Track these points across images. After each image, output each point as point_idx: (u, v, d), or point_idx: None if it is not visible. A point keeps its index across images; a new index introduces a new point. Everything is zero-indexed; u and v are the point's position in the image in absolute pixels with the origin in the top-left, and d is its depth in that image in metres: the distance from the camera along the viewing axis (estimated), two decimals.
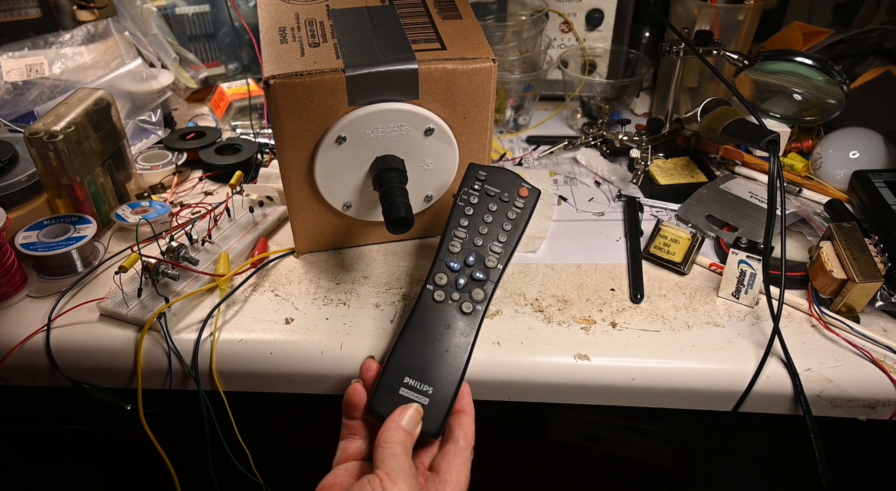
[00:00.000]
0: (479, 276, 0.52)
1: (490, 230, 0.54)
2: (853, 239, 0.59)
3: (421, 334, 0.50)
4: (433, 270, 0.52)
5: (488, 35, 0.65)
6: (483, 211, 0.55)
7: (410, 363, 0.48)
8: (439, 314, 0.50)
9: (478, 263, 0.53)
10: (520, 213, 0.55)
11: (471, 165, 0.57)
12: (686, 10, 0.89)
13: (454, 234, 0.54)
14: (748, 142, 0.66)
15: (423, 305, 0.51)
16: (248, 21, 0.97)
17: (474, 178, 0.56)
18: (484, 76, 0.59)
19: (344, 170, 0.61)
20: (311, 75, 0.56)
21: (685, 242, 0.66)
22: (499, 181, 0.56)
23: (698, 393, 0.56)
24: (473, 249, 0.53)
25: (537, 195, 0.57)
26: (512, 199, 0.56)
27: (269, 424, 0.84)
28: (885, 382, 0.54)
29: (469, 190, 0.56)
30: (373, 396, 0.47)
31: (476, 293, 0.52)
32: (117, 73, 0.88)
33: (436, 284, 0.52)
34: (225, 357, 0.57)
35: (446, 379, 0.48)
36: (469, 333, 0.50)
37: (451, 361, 0.49)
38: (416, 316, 0.50)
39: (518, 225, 0.55)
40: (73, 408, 0.74)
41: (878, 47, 0.91)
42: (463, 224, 0.54)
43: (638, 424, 0.86)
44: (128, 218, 0.70)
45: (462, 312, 0.51)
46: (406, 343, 0.49)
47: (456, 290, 0.51)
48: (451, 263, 0.52)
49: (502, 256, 0.53)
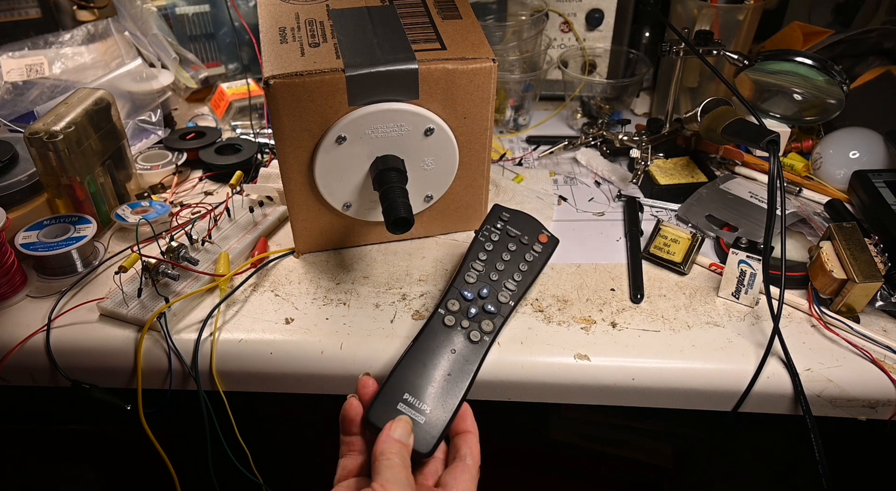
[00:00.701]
0: (491, 308, 0.54)
1: (506, 268, 0.56)
2: (853, 239, 0.59)
3: (427, 354, 0.50)
4: (446, 296, 0.54)
5: (488, 35, 0.65)
6: (502, 249, 0.57)
7: (412, 380, 0.49)
8: (447, 338, 0.51)
9: (491, 297, 0.54)
10: (536, 258, 0.57)
11: (495, 206, 0.59)
12: (686, 10, 0.89)
13: (471, 265, 0.56)
14: (748, 142, 0.66)
15: (433, 327, 0.52)
16: (248, 21, 0.97)
17: (497, 218, 0.59)
18: (484, 76, 0.59)
19: (344, 170, 0.61)
20: (311, 75, 0.56)
21: (685, 242, 0.66)
22: (520, 224, 0.59)
23: (698, 393, 0.56)
24: (488, 282, 0.55)
25: (555, 244, 0.59)
26: (531, 243, 0.58)
27: (269, 424, 0.84)
28: (885, 382, 0.54)
29: (491, 228, 0.58)
30: (370, 408, 0.48)
31: (485, 324, 0.53)
32: (117, 73, 0.88)
33: (448, 310, 0.53)
34: (225, 357, 0.57)
35: (445, 402, 0.49)
36: (473, 361, 0.51)
37: (452, 385, 0.50)
38: (425, 336, 0.51)
39: (533, 269, 0.57)
40: (73, 408, 0.74)
41: (878, 47, 0.91)
42: (481, 258, 0.56)
43: (638, 424, 0.86)
44: (128, 218, 0.70)
45: (470, 339, 0.52)
46: (411, 360, 0.50)
47: (466, 318, 0.53)
48: (465, 292, 0.54)
49: (515, 294, 0.55)
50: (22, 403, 0.75)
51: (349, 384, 0.58)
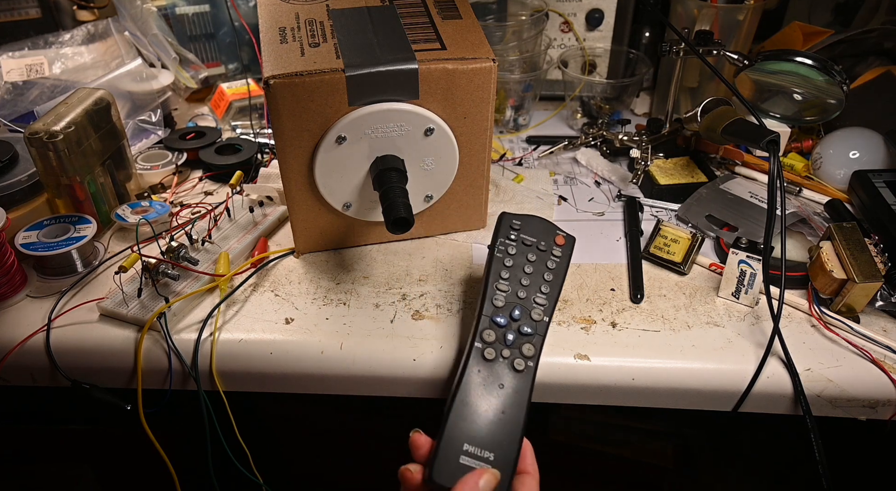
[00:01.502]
0: (527, 330, 0.50)
1: (532, 281, 0.52)
2: (853, 239, 0.59)
3: (475, 396, 0.46)
4: (479, 327, 0.49)
5: (488, 35, 0.65)
6: (522, 262, 0.53)
7: (468, 429, 0.45)
8: (492, 373, 0.47)
9: (524, 317, 0.51)
10: (559, 262, 0.54)
11: (503, 215, 0.56)
12: (686, 10, 0.89)
13: (497, 287, 0.51)
14: (748, 142, 0.66)
15: (475, 364, 0.48)
16: (248, 21, 0.97)
17: (509, 227, 0.55)
18: (484, 76, 0.59)
19: (344, 170, 0.61)
20: (311, 75, 0.56)
21: (685, 242, 0.66)
22: (534, 230, 0.55)
23: (698, 393, 0.56)
24: (518, 302, 0.51)
25: (573, 242, 0.56)
26: (549, 248, 0.54)
27: (269, 424, 0.84)
28: (885, 382, 0.54)
29: (505, 240, 0.54)
30: (433, 468, 0.43)
31: (526, 349, 0.49)
32: (117, 73, 0.88)
33: (484, 341, 0.49)
34: (225, 357, 0.57)
35: (507, 442, 0.45)
36: (524, 392, 0.47)
37: (508, 421, 0.46)
38: (469, 376, 0.47)
39: (559, 274, 0.53)
40: (73, 408, 0.74)
41: (878, 47, 0.91)
42: (504, 276, 0.52)
43: (638, 424, 0.86)
44: (128, 218, 0.70)
45: (514, 369, 0.48)
46: (461, 406, 0.46)
47: (506, 346, 0.49)
48: (498, 318, 0.50)
49: (547, 309, 0.51)
50: (22, 403, 0.75)
51: (349, 384, 0.58)
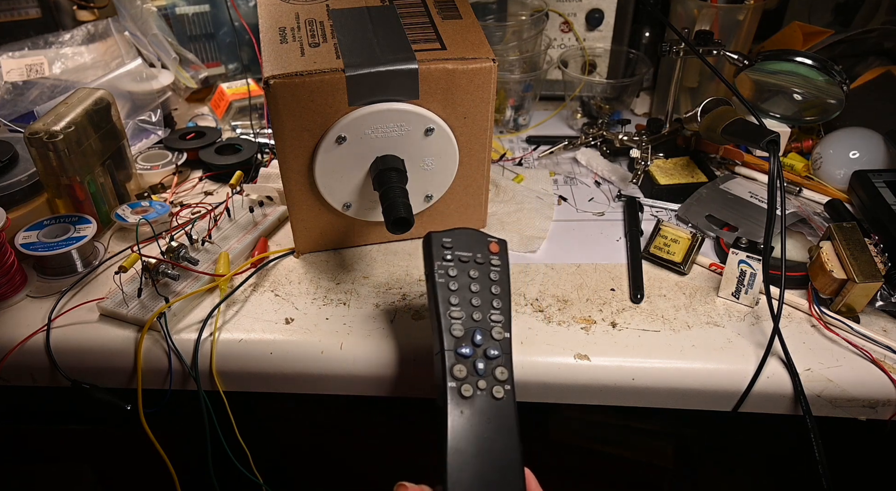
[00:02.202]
0: (494, 352, 0.47)
1: (482, 299, 0.49)
2: (853, 239, 0.59)
3: (466, 442, 0.44)
4: (446, 364, 0.46)
5: (488, 35, 0.65)
6: (466, 281, 0.49)
7: (469, 477, 0.42)
8: (475, 411, 0.45)
9: (486, 339, 0.47)
10: (500, 271, 0.51)
11: (431, 235, 0.51)
12: (686, 10, 0.89)
13: (450, 315, 0.48)
14: (748, 142, 0.66)
15: (457, 407, 0.45)
16: (248, 21, 0.97)
17: (441, 247, 0.51)
18: (484, 76, 0.59)
19: (344, 170, 0.61)
20: (311, 75, 0.56)
21: (685, 242, 0.66)
22: (466, 243, 0.51)
23: (698, 393, 0.56)
24: (475, 325, 0.48)
25: (506, 246, 0.53)
26: (487, 259, 0.51)
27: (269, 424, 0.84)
28: (885, 382, 0.54)
29: (443, 262, 0.50)
30: None
31: (499, 373, 0.46)
32: (117, 73, 0.88)
33: (457, 379, 0.45)
34: (225, 357, 0.57)
35: (510, 474, 0.43)
36: (510, 417, 0.45)
37: (505, 452, 0.44)
38: (455, 422, 0.44)
39: (504, 284, 0.51)
40: (73, 408, 0.74)
41: (878, 47, 0.91)
42: (454, 302, 0.49)
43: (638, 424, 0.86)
44: (128, 218, 0.70)
45: (494, 398, 0.45)
46: (457, 456, 0.43)
47: (479, 377, 0.46)
48: (462, 349, 0.46)
49: (505, 324, 0.49)
50: (22, 403, 0.75)
51: (349, 384, 0.58)
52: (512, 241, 0.70)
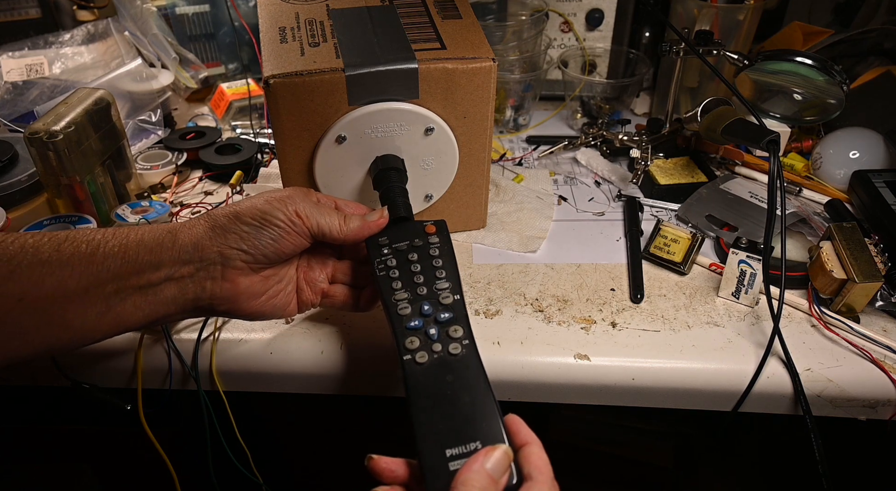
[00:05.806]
0: (445, 315, 0.47)
1: (426, 276, 0.50)
2: (853, 239, 0.59)
3: (431, 403, 0.43)
4: (399, 342, 0.46)
5: (488, 35, 0.65)
6: (407, 266, 0.50)
7: (441, 434, 0.41)
8: (433, 374, 0.44)
9: (435, 307, 0.48)
10: (441, 247, 0.52)
11: (367, 240, 0.52)
12: (686, 10, 0.89)
13: (395, 299, 0.48)
14: (748, 142, 0.66)
15: (413, 377, 0.44)
16: (248, 21, 0.97)
17: (377, 246, 0.52)
18: (484, 76, 0.59)
19: (344, 170, 0.61)
20: (311, 75, 0.56)
21: (685, 242, 0.66)
22: (401, 235, 0.52)
23: (698, 393, 0.56)
24: (422, 298, 0.49)
25: (444, 224, 0.53)
26: (425, 241, 0.52)
27: (269, 424, 0.84)
28: (885, 382, 0.54)
29: (381, 258, 0.51)
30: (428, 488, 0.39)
31: (453, 331, 0.46)
32: (117, 73, 0.88)
33: (409, 350, 0.45)
34: (225, 357, 0.57)
35: (487, 422, 0.42)
36: (474, 368, 0.45)
37: (478, 403, 0.43)
38: (414, 391, 0.44)
39: (446, 255, 0.51)
40: (73, 408, 0.74)
41: (878, 47, 0.91)
42: (397, 287, 0.49)
43: (638, 424, 0.86)
44: (128, 218, 0.70)
45: (452, 355, 0.45)
46: (423, 421, 0.42)
47: (433, 341, 0.46)
48: (411, 323, 0.47)
49: (453, 288, 0.49)
50: (22, 403, 0.75)
51: (349, 384, 0.58)
52: (512, 241, 0.70)
